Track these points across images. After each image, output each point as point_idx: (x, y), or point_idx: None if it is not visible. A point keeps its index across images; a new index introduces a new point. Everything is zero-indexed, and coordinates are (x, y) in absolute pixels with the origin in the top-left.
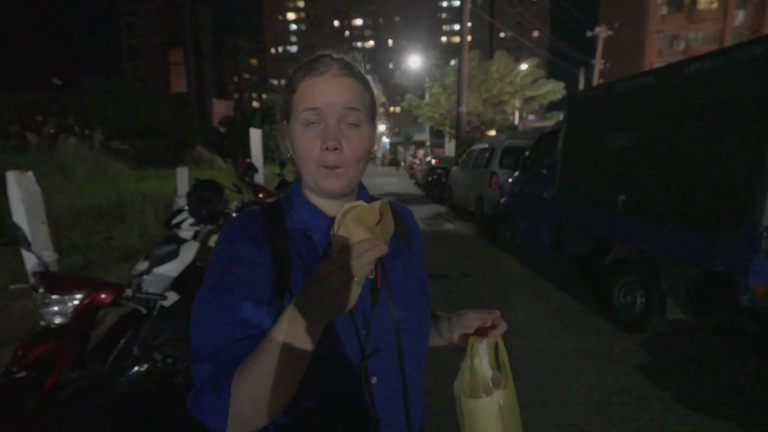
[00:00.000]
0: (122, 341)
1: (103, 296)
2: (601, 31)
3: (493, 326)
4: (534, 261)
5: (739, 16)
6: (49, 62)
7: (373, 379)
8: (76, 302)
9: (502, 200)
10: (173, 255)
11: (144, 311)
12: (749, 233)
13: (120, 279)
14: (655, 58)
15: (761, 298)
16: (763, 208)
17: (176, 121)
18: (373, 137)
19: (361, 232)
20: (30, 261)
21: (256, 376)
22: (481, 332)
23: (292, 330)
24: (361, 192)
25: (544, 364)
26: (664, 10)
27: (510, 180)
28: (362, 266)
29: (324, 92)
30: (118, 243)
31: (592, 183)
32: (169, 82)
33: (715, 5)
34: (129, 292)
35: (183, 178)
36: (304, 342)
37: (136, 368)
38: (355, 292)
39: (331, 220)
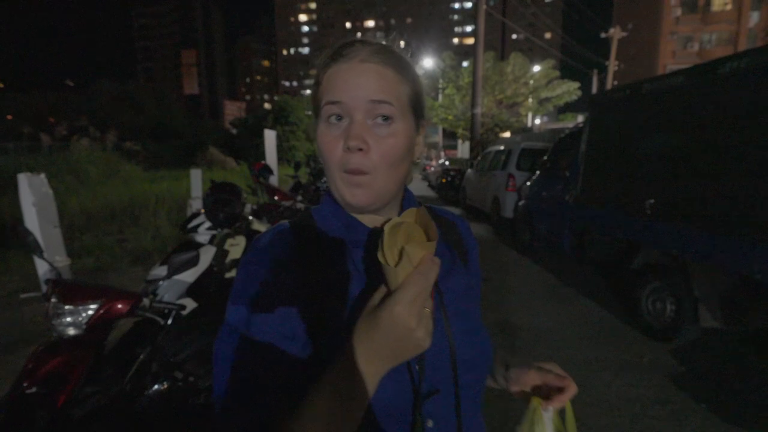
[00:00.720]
0: (141, 356)
1: (119, 306)
2: (615, 32)
3: (560, 389)
4: (554, 265)
5: (754, 18)
6: (61, 63)
7: (429, 423)
8: (90, 312)
9: (520, 202)
10: (194, 262)
11: (162, 322)
12: None
13: (133, 282)
14: (669, 60)
15: None
16: None
17: (188, 122)
18: (413, 136)
19: (419, 252)
20: (42, 267)
21: None
22: (543, 391)
23: (348, 383)
24: (407, 201)
25: (572, 374)
26: (678, 12)
27: (527, 182)
28: (429, 292)
29: (348, 82)
30: (131, 245)
31: (618, 186)
32: (181, 83)
33: (729, 7)
34: (146, 301)
35: (196, 179)
36: (364, 395)
37: (156, 387)
38: (431, 326)
39: (372, 232)
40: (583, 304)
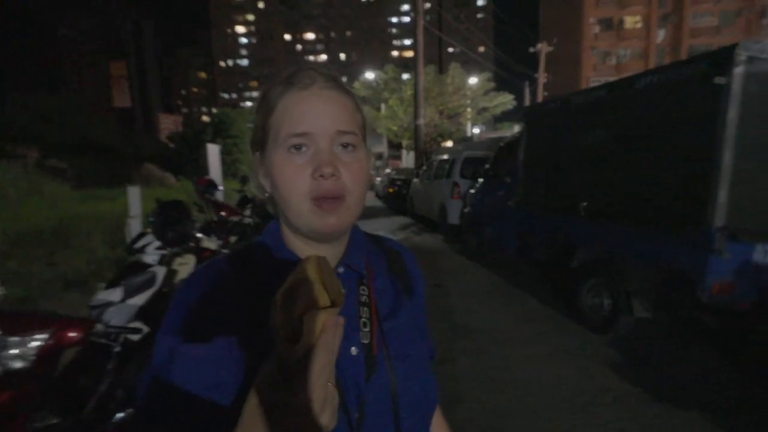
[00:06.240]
0: (102, 385)
1: (71, 334)
2: (543, 47)
3: None
4: (502, 268)
5: (660, 35)
6: None
7: None
8: (39, 343)
9: (466, 209)
10: (150, 283)
11: (115, 347)
12: (704, 235)
13: (69, 309)
14: (590, 72)
15: (718, 294)
16: (714, 211)
17: (121, 137)
18: (369, 163)
19: (320, 322)
20: None
21: None
22: None
23: None
24: (355, 232)
25: (525, 370)
26: (597, 29)
27: (471, 190)
28: (333, 363)
29: (313, 111)
30: (63, 269)
31: (555, 190)
32: (111, 96)
33: (639, 25)
34: (100, 327)
35: (135, 197)
36: None
37: (121, 414)
38: (336, 401)
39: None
40: (530, 303)
